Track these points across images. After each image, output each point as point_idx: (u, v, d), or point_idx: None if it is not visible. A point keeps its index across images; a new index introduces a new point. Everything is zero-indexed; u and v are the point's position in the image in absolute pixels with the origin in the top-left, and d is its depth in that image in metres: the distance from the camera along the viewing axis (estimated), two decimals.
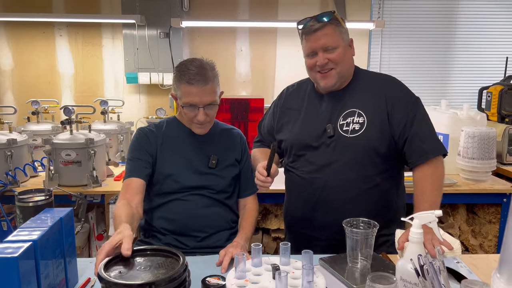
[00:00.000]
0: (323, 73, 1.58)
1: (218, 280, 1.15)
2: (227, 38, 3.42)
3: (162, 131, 1.70)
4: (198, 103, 1.57)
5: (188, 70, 1.55)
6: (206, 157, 1.68)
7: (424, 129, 1.57)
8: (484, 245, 2.61)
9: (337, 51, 1.56)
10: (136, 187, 1.57)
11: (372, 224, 1.30)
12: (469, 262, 1.38)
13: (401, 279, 1.05)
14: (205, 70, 1.56)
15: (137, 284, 0.97)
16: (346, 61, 1.60)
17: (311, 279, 1.11)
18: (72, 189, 2.32)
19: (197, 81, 1.54)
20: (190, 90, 1.55)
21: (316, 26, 1.54)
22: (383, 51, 3.51)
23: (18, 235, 1.05)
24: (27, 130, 2.82)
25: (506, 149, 2.88)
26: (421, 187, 1.51)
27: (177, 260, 1.08)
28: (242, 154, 1.78)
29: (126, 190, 1.57)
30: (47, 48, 3.40)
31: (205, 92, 1.56)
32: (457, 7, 3.48)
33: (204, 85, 1.55)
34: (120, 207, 1.45)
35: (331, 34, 1.55)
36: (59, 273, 1.16)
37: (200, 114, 1.58)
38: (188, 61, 1.60)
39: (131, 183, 1.58)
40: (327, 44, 1.55)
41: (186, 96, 1.57)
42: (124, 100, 3.29)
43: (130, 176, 1.61)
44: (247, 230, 1.64)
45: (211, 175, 1.67)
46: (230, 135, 1.78)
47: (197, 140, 1.70)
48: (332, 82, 1.59)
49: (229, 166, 1.72)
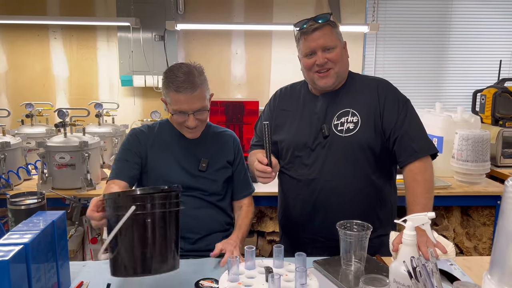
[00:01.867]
0: (322, 73, 1.61)
1: (211, 283, 1.14)
2: (222, 41, 3.42)
3: (154, 133, 1.70)
4: (187, 110, 1.57)
5: (176, 77, 1.54)
6: (196, 160, 1.68)
7: (414, 128, 1.60)
8: (478, 247, 2.62)
9: (335, 51, 1.59)
10: (117, 189, 1.57)
11: (366, 226, 1.30)
12: (463, 264, 1.38)
13: (394, 281, 1.05)
14: (193, 76, 1.55)
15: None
16: (343, 62, 1.64)
17: (304, 281, 1.10)
18: (66, 192, 2.32)
19: (185, 89, 1.53)
20: (178, 98, 1.55)
21: (315, 26, 1.58)
22: (378, 54, 3.52)
23: (9, 238, 1.05)
24: (21, 133, 2.81)
25: (500, 152, 2.90)
26: (412, 190, 1.52)
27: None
28: (234, 156, 1.77)
29: (107, 190, 1.56)
30: (42, 51, 3.39)
31: (193, 99, 1.55)
32: (451, 11, 3.50)
33: (192, 92, 1.54)
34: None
35: (329, 34, 1.59)
36: (51, 277, 1.15)
37: (190, 120, 1.58)
38: (176, 67, 1.59)
39: (114, 185, 1.57)
40: (326, 43, 1.58)
41: (175, 103, 1.57)
42: (118, 102, 3.28)
43: (114, 177, 1.61)
44: (243, 229, 1.64)
45: (202, 178, 1.67)
46: (222, 137, 1.78)
47: (188, 143, 1.70)
48: (331, 82, 1.62)
49: (221, 169, 1.72)
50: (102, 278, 1.31)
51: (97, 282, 1.29)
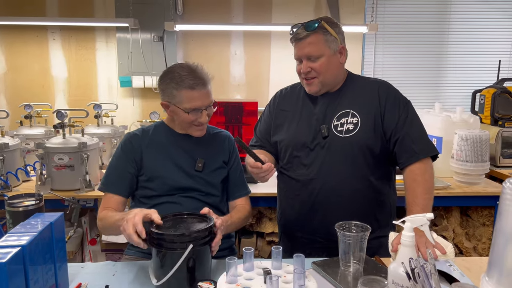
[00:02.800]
0: (307, 80, 1.65)
1: (210, 285, 1.14)
2: (221, 42, 3.42)
3: (149, 135, 1.70)
4: (201, 106, 1.59)
5: (185, 77, 1.56)
6: (192, 160, 1.68)
7: (415, 130, 1.60)
8: (478, 248, 2.62)
9: (320, 60, 1.60)
10: (112, 203, 1.60)
11: (365, 228, 1.29)
12: (462, 265, 1.38)
13: (393, 283, 1.05)
14: (201, 72, 1.59)
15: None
16: (330, 70, 1.63)
17: (303, 283, 1.10)
18: (65, 193, 2.31)
19: (198, 85, 1.56)
20: (193, 95, 1.56)
21: (301, 35, 1.59)
22: (377, 54, 3.52)
23: (6, 240, 1.04)
24: (19, 134, 2.81)
25: (499, 152, 2.89)
26: (412, 190, 1.52)
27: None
28: (229, 155, 1.77)
29: (105, 204, 1.60)
30: (40, 52, 3.38)
31: (207, 95, 1.60)
32: (450, 11, 3.49)
33: (204, 88, 1.58)
34: (108, 212, 1.52)
35: (316, 43, 1.59)
36: (49, 279, 1.14)
37: (203, 116, 1.61)
38: (177, 66, 1.61)
39: (110, 199, 1.61)
40: (311, 53, 1.60)
41: (189, 101, 1.57)
42: (117, 103, 3.28)
43: (107, 190, 1.63)
44: (234, 219, 1.59)
45: (198, 178, 1.67)
46: (217, 138, 1.78)
47: (184, 144, 1.70)
48: (314, 90, 1.66)
49: (217, 169, 1.71)
50: (100, 280, 1.31)
51: (96, 283, 1.29)
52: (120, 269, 1.40)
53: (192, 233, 1.23)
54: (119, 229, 1.30)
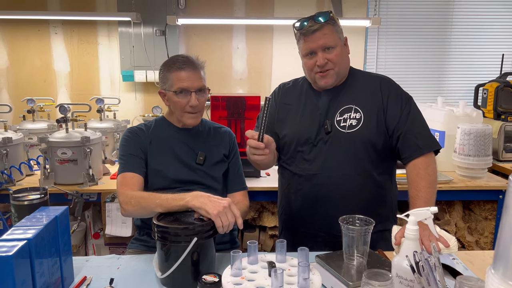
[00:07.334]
0: (323, 73, 1.61)
1: (214, 278, 1.14)
2: (223, 36, 3.41)
3: (150, 130, 1.71)
4: (190, 87, 1.60)
5: (176, 60, 1.63)
6: (193, 153, 1.69)
7: (418, 125, 1.61)
8: (480, 242, 2.62)
9: (335, 50, 1.60)
10: (134, 183, 1.57)
11: (369, 221, 1.29)
12: (465, 259, 1.39)
13: (397, 276, 1.05)
14: (192, 59, 1.65)
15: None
16: (344, 60, 1.64)
17: (307, 276, 1.10)
18: (68, 187, 2.32)
19: (187, 66, 1.61)
20: (180, 75, 1.60)
21: (314, 27, 1.57)
22: (380, 48, 3.51)
23: (12, 233, 1.05)
24: (22, 128, 2.81)
25: (502, 146, 2.89)
26: (415, 185, 1.52)
27: None
28: (230, 149, 1.78)
29: (126, 184, 1.56)
30: (42, 46, 3.38)
31: (195, 77, 1.62)
32: (453, 4, 3.48)
33: (193, 70, 1.61)
34: (140, 192, 1.53)
35: (330, 33, 1.58)
36: (55, 272, 1.15)
37: (193, 98, 1.61)
38: (173, 56, 1.69)
39: (131, 178, 1.57)
40: (326, 44, 1.58)
41: (177, 82, 1.60)
42: (120, 98, 3.28)
43: (126, 170, 1.60)
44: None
45: (199, 171, 1.67)
46: (218, 132, 1.79)
47: (185, 137, 1.71)
48: (331, 82, 1.63)
49: (218, 163, 1.72)
50: (105, 273, 1.31)
51: (101, 277, 1.30)
52: (125, 263, 1.41)
53: (196, 227, 1.23)
54: (175, 208, 1.33)
